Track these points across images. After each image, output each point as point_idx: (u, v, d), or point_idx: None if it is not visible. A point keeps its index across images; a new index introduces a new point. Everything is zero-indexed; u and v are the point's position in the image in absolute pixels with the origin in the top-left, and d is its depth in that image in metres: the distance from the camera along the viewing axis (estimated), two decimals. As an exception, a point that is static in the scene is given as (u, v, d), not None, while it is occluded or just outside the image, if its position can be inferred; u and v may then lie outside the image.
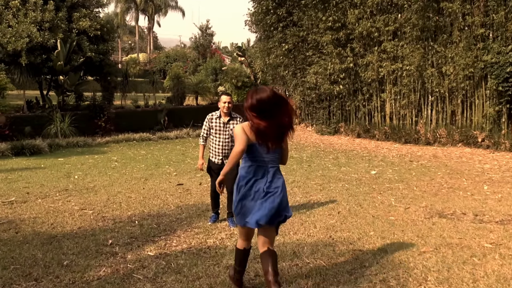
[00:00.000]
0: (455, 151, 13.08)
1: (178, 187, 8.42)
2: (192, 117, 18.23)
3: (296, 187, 8.28)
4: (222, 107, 6.08)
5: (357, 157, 12.12)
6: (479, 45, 13.44)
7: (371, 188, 8.21)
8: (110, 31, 16.70)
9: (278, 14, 17.84)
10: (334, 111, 17.50)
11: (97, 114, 15.90)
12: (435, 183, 8.70)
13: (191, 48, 30.42)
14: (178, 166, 10.70)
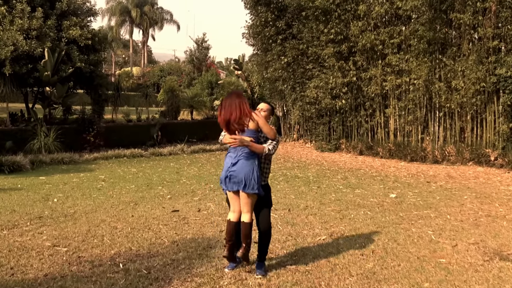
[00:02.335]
0: (467, 170, 11.73)
1: (173, 214, 6.90)
2: (187, 132, 16.72)
3: (311, 215, 6.80)
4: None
5: (367, 177, 10.69)
6: (491, 58, 12.19)
7: (399, 216, 6.76)
8: (102, 41, 15.21)
9: (277, 26, 16.51)
10: (334, 127, 16.11)
11: (85, 128, 14.32)
12: (467, 209, 7.28)
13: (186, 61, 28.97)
14: (173, 187, 9.17)
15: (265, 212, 4.56)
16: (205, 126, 17.91)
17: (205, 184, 9.48)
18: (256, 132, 4.59)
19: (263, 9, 16.63)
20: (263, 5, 16.66)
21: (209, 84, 20.55)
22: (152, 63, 47.49)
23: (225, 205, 7.41)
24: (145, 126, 16.11)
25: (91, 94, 15.44)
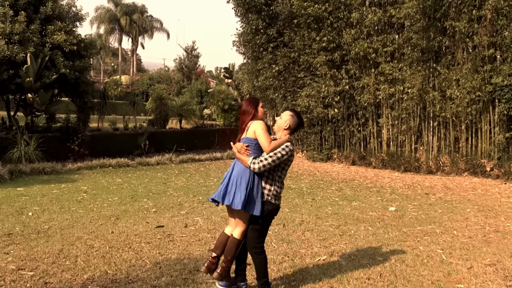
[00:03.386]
0: (463, 181, 11.20)
1: (157, 230, 6.20)
2: (176, 141, 16.02)
3: (308, 231, 6.15)
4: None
5: (363, 188, 10.09)
6: (486, 67, 11.74)
7: (402, 232, 6.14)
8: (88, 47, 14.48)
9: (268, 34, 15.95)
10: (326, 136, 15.53)
11: (70, 137, 13.54)
12: (473, 224, 6.70)
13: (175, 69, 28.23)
14: (158, 200, 8.46)
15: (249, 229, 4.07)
16: (194, 135, 17.22)
17: (193, 196, 8.80)
18: (254, 140, 3.98)
19: (254, 16, 16.09)
20: (254, 13, 16.11)
21: (198, 93, 19.91)
22: (141, 71, 46.56)
23: (214, 220, 6.74)
24: (132, 135, 15.38)
25: (76, 101, 14.67)
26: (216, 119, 19.27)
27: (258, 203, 3.93)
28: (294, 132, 4.16)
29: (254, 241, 4.01)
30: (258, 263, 4.03)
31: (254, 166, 3.86)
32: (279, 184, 4.03)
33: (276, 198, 4.02)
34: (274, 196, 4.00)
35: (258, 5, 15.86)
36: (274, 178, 3.99)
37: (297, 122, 4.09)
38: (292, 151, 3.96)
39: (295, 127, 4.11)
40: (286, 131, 4.06)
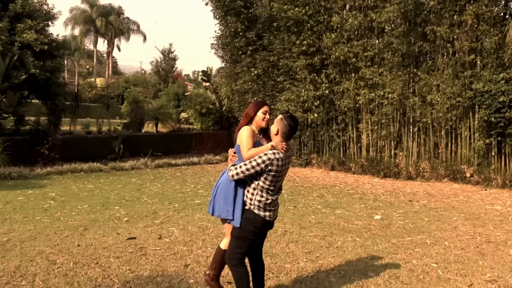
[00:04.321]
0: (444, 187, 10.93)
1: (129, 242, 5.60)
2: (151, 145, 15.33)
3: (292, 243, 5.65)
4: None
5: (344, 194, 9.67)
6: (466, 72, 11.53)
7: (392, 243, 5.71)
8: (60, 47, 13.71)
9: (247, 37, 15.46)
10: (305, 141, 15.12)
11: (39, 141, 12.74)
12: (462, 233, 6.33)
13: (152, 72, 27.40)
14: (131, 207, 7.84)
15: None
16: (170, 139, 16.57)
17: (169, 204, 8.20)
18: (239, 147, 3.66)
19: (232, 19, 15.59)
20: (232, 15, 15.61)
21: (175, 96, 19.25)
22: (117, 74, 45.26)
23: (191, 231, 6.19)
24: (106, 138, 14.64)
25: (47, 103, 13.87)
26: (193, 123, 18.65)
27: (237, 211, 3.64)
28: (289, 137, 3.62)
29: (230, 251, 3.68)
30: (235, 276, 3.67)
31: (229, 173, 3.60)
32: (263, 194, 3.58)
33: (260, 208, 3.58)
34: (258, 206, 3.57)
35: (237, 8, 15.38)
36: (256, 187, 3.58)
37: (286, 126, 3.55)
38: (271, 160, 3.47)
39: (285, 132, 3.57)
40: (278, 137, 3.57)
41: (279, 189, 3.70)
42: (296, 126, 3.60)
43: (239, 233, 3.64)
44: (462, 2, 11.40)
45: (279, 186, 3.69)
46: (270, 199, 3.60)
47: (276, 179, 3.58)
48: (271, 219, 3.69)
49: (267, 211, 3.61)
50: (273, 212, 3.67)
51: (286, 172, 3.68)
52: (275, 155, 3.50)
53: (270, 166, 3.48)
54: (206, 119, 17.50)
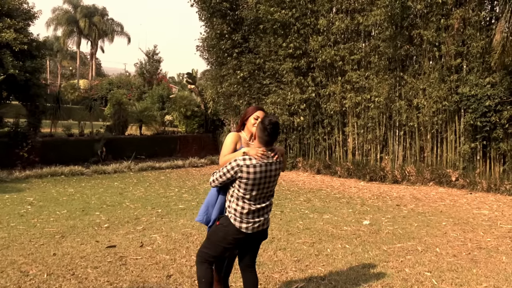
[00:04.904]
0: (430, 191, 10.81)
1: (108, 251, 5.28)
2: (135, 148, 14.94)
3: (280, 250, 5.39)
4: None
5: (331, 199, 9.46)
6: (453, 76, 11.46)
7: (382, 250, 5.49)
8: (41, 47, 13.25)
9: (233, 39, 15.19)
10: (291, 144, 14.91)
11: (18, 143, 12.25)
12: (453, 239, 6.15)
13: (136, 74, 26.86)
14: (113, 213, 7.49)
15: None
16: (154, 142, 16.18)
17: (152, 209, 7.88)
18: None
19: (218, 21, 15.31)
20: (218, 17, 15.34)
21: (160, 98, 18.87)
22: (101, 76, 44.41)
23: (174, 238, 5.88)
24: (88, 141, 14.19)
25: (27, 105, 13.38)
26: (178, 125, 18.28)
27: (214, 213, 3.61)
28: (267, 142, 3.29)
29: (200, 248, 3.56)
30: (197, 274, 3.55)
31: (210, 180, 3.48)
32: (239, 202, 3.35)
33: (236, 218, 3.35)
34: (234, 215, 3.35)
35: (223, 10, 15.12)
36: (233, 194, 3.37)
37: (262, 129, 3.27)
38: (240, 166, 3.22)
39: (261, 136, 3.28)
40: (256, 142, 3.35)
41: (262, 198, 3.37)
42: (273, 130, 3.26)
43: (209, 235, 3.53)
44: (449, 6, 11.34)
45: (260, 196, 3.35)
46: (246, 208, 3.33)
47: (251, 188, 3.28)
48: (250, 232, 3.36)
49: (244, 223, 3.34)
50: (252, 224, 3.35)
51: (269, 180, 3.32)
52: (245, 161, 3.24)
53: (240, 173, 3.23)
54: (191, 122, 17.16)
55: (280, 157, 3.38)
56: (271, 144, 3.33)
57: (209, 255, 3.46)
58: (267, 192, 3.38)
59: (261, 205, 3.37)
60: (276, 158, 3.33)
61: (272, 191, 3.46)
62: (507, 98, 10.55)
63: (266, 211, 3.45)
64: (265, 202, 3.41)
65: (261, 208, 3.38)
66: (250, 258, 3.58)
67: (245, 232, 3.35)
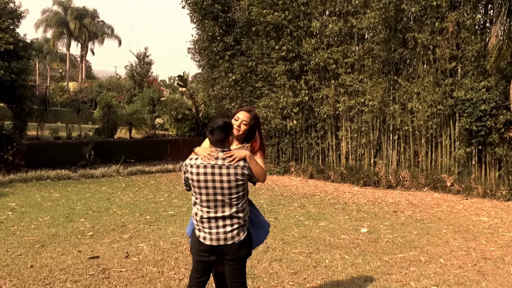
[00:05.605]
0: (425, 196, 10.50)
1: (91, 262, 4.84)
2: (124, 152, 14.44)
3: (275, 261, 5.00)
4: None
5: (326, 204, 9.09)
6: (447, 80, 11.19)
7: (384, 261, 5.12)
8: (28, 47, 12.76)
9: (225, 42, 14.82)
10: (284, 148, 14.54)
11: (3, 146, 11.72)
12: (456, 249, 5.81)
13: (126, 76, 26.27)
14: (98, 219, 7.04)
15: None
16: (144, 145, 15.70)
17: (140, 215, 7.44)
18: None
19: (210, 23, 14.92)
20: (210, 19, 14.95)
21: (150, 101, 18.38)
22: (91, 78, 43.65)
23: (162, 247, 5.46)
24: (76, 144, 13.69)
25: (12, 107, 12.86)
26: (168, 129, 17.82)
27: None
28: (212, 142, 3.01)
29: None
30: None
31: None
32: (194, 208, 3.08)
33: (195, 226, 3.06)
34: (195, 222, 3.06)
35: (215, 12, 14.74)
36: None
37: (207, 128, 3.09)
38: (186, 165, 3.01)
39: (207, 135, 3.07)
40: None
41: (216, 207, 2.97)
42: (214, 128, 2.95)
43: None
44: (443, 9, 11.07)
45: (213, 202, 2.96)
46: (199, 214, 3.02)
47: (198, 190, 2.98)
48: (208, 243, 2.99)
49: (201, 231, 3.02)
50: (208, 235, 2.98)
51: (221, 186, 2.93)
52: (190, 160, 3.01)
53: (186, 173, 3.03)
54: (182, 125, 16.71)
55: (241, 162, 2.95)
56: (218, 145, 2.98)
57: (191, 272, 3.14)
58: (223, 200, 2.96)
59: (215, 214, 2.98)
60: (229, 161, 2.94)
61: (233, 199, 2.97)
62: (502, 102, 10.29)
63: (225, 223, 2.98)
64: (222, 212, 2.98)
65: (216, 218, 2.98)
66: (229, 279, 3.11)
67: (204, 243, 2.99)
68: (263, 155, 3.29)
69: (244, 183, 2.99)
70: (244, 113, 3.27)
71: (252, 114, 3.33)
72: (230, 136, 3.04)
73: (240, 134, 3.24)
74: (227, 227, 2.98)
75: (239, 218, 3.00)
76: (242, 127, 3.22)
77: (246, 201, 3.09)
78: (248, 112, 3.31)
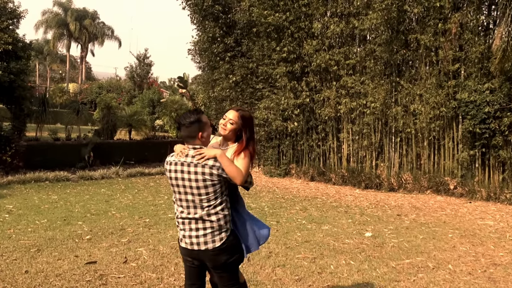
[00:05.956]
0: (428, 199, 10.31)
1: (87, 268, 4.65)
2: (124, 153, 14.24)
3: (279, 267, 4.81)
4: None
5: (328, 207, 8.90)
6: (450, 82, 11.01)
7: (391, 267, 4.94)
8: (27, 48, 12.57)
9: (226, 43, 14.65)
10: (284, 151, 14.34)
11: (1, 147, 11.54)
12: (464, 254, 5.62)
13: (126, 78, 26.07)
14: (96, 222, 6.85)
15: None
16: (144, 147, 15.51)
17: (139, 218, 7.25)
18: None
19: (211, 24, 14.77)
20: (210, 20, 14.80)
21: (150, 102, 18.21)
22: (91, 80, 43.39)
23: (162, 252, 5.27)
24: (75, 145, 13.49)
25: (11, 107, 12.67)
26: (168, 130, 17.63)
27: None
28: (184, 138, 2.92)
29: None
30: None
31: None
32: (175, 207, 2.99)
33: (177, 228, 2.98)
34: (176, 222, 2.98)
35: (215, 13, 14.58)
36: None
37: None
38: (165, 162, 2.97)
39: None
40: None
41: (188, 207, 2.83)
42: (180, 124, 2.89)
43: None
44: (447, 10, 10.90)
45: (185, 202, 2.83)
46: (176, 214, 2.93)
47: (172, 188, 2.90)
48: (183, 245, 2.88)
49: (178, 230, 2.94)
50: (182, 237, 2.88)
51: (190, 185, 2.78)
52: (168, 157, 2.93)
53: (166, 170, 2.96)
54: (182, 126, 16.51)
55: (210, 161, 2.77)
56: (188, 141, 2.88)
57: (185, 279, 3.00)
58: (193, 200, 2.80)
59: (187, 215, 2.84)
60: (198, 159, 2.77)
61: (203, 201, 2.78)
62: (506, 104, 10.12)
63: (197, 226, 2.82)
64: (194, 213, 2.83)
65: (189, 219, 2.84)
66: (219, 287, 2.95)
67: (181, 245, 2.90)
68: (250, 156, 3.02)
69: (215, 184, 2.77)
70: (232, 112, 3.09)
71: (240, 113, 3.10)
72: (202, 132, 2.86)
73: (227, 133, 3.04)
74: (200, 231, 2.82)
75: (211, 222, 2.81)
76: (229, 126, 3.02)
77: (222, 204, 2.83)
78: (236, 111, 3.10)
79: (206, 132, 2.90)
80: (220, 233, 2.82)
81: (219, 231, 2.82)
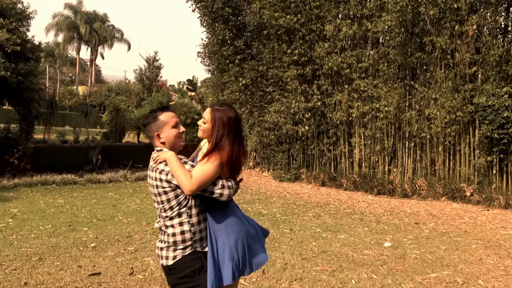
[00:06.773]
0: (444, 207, 9.86)
1: (91, 280, 4.28)
2: (132, 156, 13.93)
3: (296, 281, 4.41)
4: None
5: (342, 214, 8.48)
6: (467, 86, 10.57)
7: (416, 282, 4.52)
8: (36, 49, 12.31)
9: (235, 45, 14.32)
10: (295, 155, 13.95)
11: (8, 149, 11.27)
12: (492, 268, 5.19)
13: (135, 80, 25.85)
14: (102, 229, 6.49)
15: None
16: (153, 150, 15.16)
17: (147, 224, 6.89)
18: None
19: (220, 26, 14.46)
20: (220, 23, 14.50)
21: (159, 105, 17.91)
22: (101, 83, 43.23)
23: (171, 263, 4.85)
24: (83, 148, 13.20)
25: (19, 109, 12.40)
26: (177, 134, 17.30)
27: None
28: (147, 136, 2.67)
29: None
30: None
31: None
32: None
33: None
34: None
35: (226, 15, 14.28)
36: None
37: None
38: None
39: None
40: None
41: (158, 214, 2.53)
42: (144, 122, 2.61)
43: None
44: (463, 12, 10.48)
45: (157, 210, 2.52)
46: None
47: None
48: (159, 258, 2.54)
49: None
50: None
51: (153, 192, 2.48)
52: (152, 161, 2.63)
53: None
54: (191, 130, 16.21)
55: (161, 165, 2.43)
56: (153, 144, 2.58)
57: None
58: (157, 208, 2.50)
59: (158, 224, 2.52)
60: (153, 163, 2.48)
61: (161, 210, 2.44)
62: (526, 109, 9.66)
63: (160, 237, 2.52)
64: (157, 222, 2.53)
65: (159, 228, 2.53)
66: None
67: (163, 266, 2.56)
68: (217, 161, 2.40)
69: (166, 191, 2.38)
70: (207, 110, 2.56)
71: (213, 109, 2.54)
72: (159, 133, 2.52)
73: (202, 135, 2.55)
74: (160, 243, 2.49)
75: (167, 235, 2.43)
76: (203, 126, 2.56)
77: (180, 217, 2.40)
78: (210, 108, 2.57)
79: (166, 132, 2.51)
80: (175, 250, 2.40)
81: (174, 247, 2.40)
